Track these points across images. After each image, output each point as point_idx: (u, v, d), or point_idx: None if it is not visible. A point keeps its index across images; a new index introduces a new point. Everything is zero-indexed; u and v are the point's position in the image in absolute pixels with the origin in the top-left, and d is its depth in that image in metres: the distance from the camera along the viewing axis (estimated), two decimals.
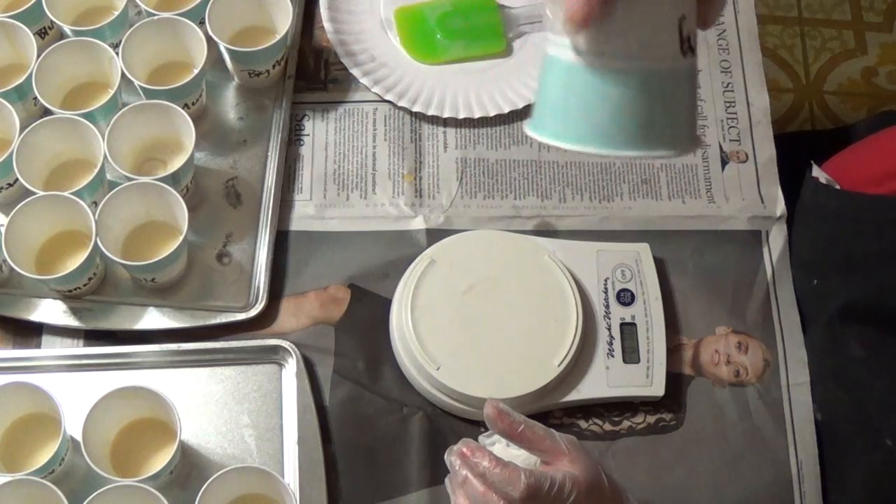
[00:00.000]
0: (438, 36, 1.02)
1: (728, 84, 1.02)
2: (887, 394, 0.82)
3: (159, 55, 0.95)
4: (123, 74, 0.90)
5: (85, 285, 0.88)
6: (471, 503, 0.71)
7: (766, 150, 0.98)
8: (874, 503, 0.83)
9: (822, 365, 0.89)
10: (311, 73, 1.01)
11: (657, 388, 0.87)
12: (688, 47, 0.63)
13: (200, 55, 0.92)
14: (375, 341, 0.90)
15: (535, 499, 0.68)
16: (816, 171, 0.94)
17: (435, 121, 0.99)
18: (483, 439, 0.80)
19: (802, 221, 0.94)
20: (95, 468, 0.77)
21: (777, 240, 0.94)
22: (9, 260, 0.83)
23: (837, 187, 0.91)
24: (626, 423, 0.88)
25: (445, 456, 0.73)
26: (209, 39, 0.92)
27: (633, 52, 0.62)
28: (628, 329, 0.88)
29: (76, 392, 0.84)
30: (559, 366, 0.85)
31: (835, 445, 0.87)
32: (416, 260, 0.89)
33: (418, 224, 0.94)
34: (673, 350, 0.90)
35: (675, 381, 0.89)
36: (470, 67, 1.02)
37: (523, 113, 1.00)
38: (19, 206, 0.85)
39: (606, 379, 0.87)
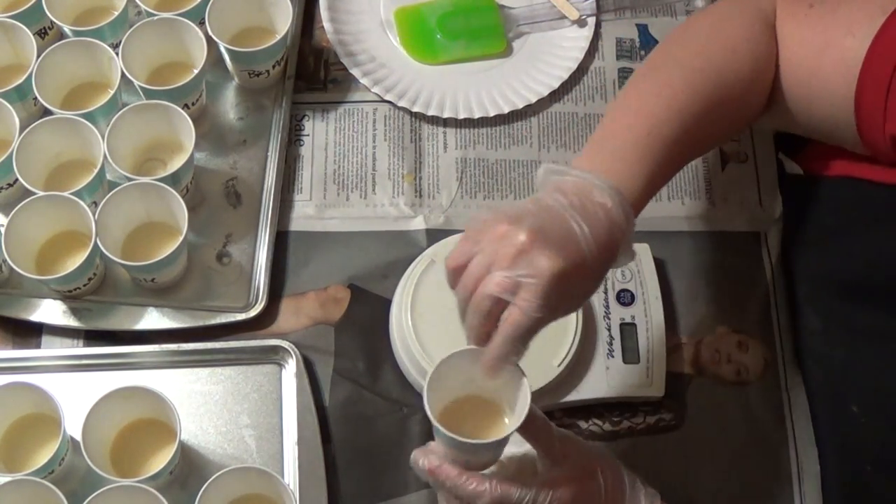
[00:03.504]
0: (438, 36, 1.02)
1: None
2: (847, 362, 0.82)
3: (159, 55, 0.95)
4: (123, 74, 0.90)
5: (85, 285, 0.88)
6: None
7: (766, 151, 0.98)
8: (845, 470, 0.83)
9: (797, 342, 0.90)
10: (311, 73, 1.01)
11: (657, 389, 0.87)
12: None
13: (200, 55, 0.92)
14: (375, 341, 0.90)
15: None
16: (783, 159, 0.95)
17: (435, 121, 0.99)
18: None
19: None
20: (95, 468, 0.77)
21: (776, 240, 0.94)
22: (9, 260, 0.83)
23: (799, 171, 0.92)
24: (626, 424, 0.88)
25: (411, 461, 0.73)
26: (209, 39, 0.92)
27: None
28: (628, 329, 0.88)
29: (76, 392, 0.84)
30: (559, 366, 0.85)
31: (813, 421, 0.88)
32: (416, 260, 0.89)
33: (418, 224, 0.94)
34: (673, 350, 0.90)
35: (676, 381, 0.89)
36: (470, 67, 1.02)
37: (523, 113, 1.00)
38: (19, 206, 0.85)
39: (606, 379, 0.87)
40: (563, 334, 0.86)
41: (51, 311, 0.89)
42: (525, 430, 0.71)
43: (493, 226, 0.68)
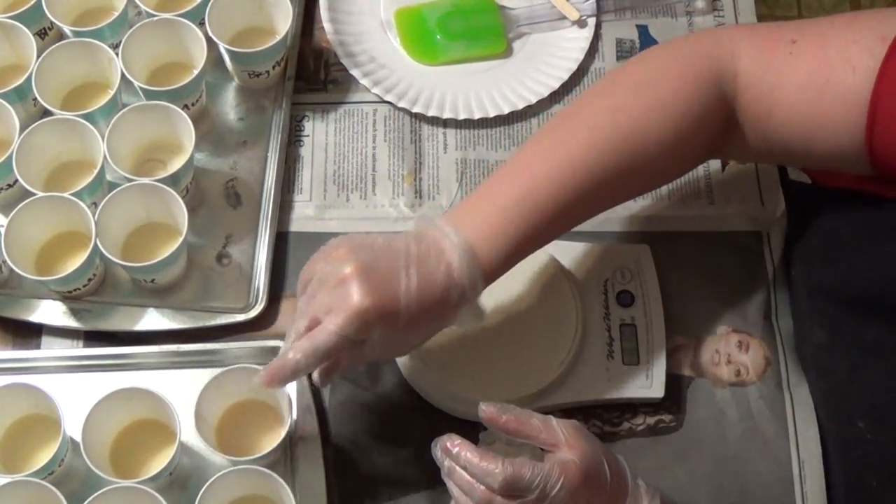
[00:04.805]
0: (438, 37, 1.02)
1: None
2: (853, 377, 0.82)
3: (159, 56, 0.95)
4: (123, 75, 0.90)
5: (85, 286, 0.88)
6: (460, 491, 0.73)
7: None
8: (851, 485, 0.83)
9: (801, 354, 0.90)
10: (310, 73, 1.01)
11: (657, 390, 0.87)
12: None
13: (200, 56, 0.92)
14: None
15: (515, 488, 0.70)
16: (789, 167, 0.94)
17: (435, 122, 0.99)
18: (485, 437, 0.80)
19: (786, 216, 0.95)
20: (95, 469, 0.77)
21: (777, 239, 0.94)
22: (8, 261, 0.84)
23: (808, 181, 0.92)
24: (625, 425, 0.88)
25: (432, 448, 0.75)
26: (209, 40, 0.92)
27: None
28: (628, 330, 0.88)
29: (76, 393, 0.84)
30: (559, 367, 0.85)
31: (819, 433, 0.87)
32: None
33: None
34: (673, 351, 0.90)
35: (675, 382, 0.89)
36: (470, 68, 1.02)
37: (523, 114, 0.99)
38: (19, 206, 0.85)
39: (606, 380, 0.87)
40: (563, 335, 0.86)
41: (51, 312, 0.89)
42: (511, 429, 0.73)
43: (335, 249, 0.74)
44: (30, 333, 0.90)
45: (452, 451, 0.73)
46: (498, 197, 0.76)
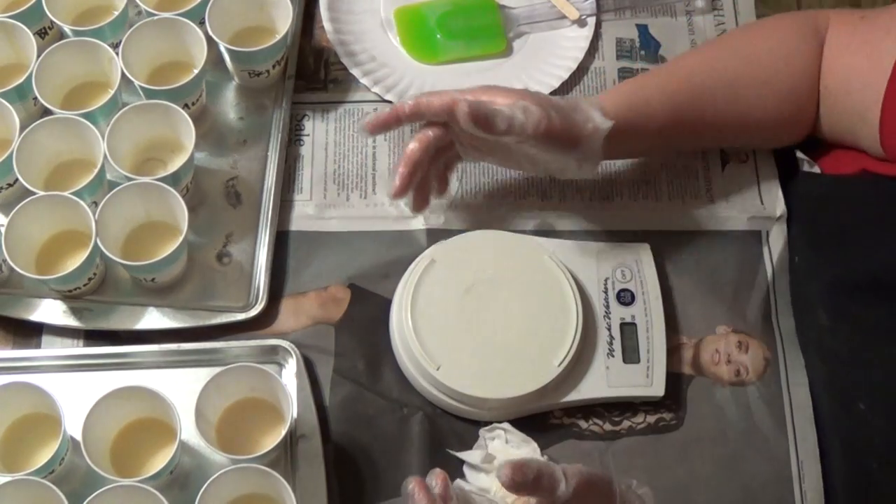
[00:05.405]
0: (438, 36, 1.02)
1: None
2: (855, 359, 0.82)
3: (159, 55, 0.96)
4: (123, 74, 0.90)
5: (85, 285, 0.88)
6: None
7: (766, 151, 0.98)
8: (850, 467, 0.83)
9: (802, 338, 0.90)
10: (311, 73, 1.01)
11: (657, 389, 0.87)
12: None
13: (200, 55, 0.92)
14: (375, 341, 0.90)
15: None
16: (800, 156, 0.94)
17: None
18: (484, 433, 0.80)
19: (790, 206, 0.95)
20: (95, 468, 0.77)
21: (777, 239, 0.94)
22: (9, 260, 0.84)
23: (817, 171, 0.92)
24: (626, 423, 0.88)
25: (427, 478, 0.73)
26: (209, 39, 0.92)
27: None
28: (628, 329, 0.88)
29: (76, 392, 0.84)
30: (559, 366, 0.85)
31: (816, 418, 0.87)
32: (416, 260, 0.89)
33: (418, 224, 0.94)
34: (673, 350, 0.90)
35: (676, 380, 0.89)
36: (470, 67, 1.02)
37: None
38: (19, 206, 0.85)
39: (606, 379, 0.87)
40: (563, 334, 0.86)
41: (51, 311, 0.89)
42: (523, 488, 0.70)
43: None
44: (30, 332, 0.90)
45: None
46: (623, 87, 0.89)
